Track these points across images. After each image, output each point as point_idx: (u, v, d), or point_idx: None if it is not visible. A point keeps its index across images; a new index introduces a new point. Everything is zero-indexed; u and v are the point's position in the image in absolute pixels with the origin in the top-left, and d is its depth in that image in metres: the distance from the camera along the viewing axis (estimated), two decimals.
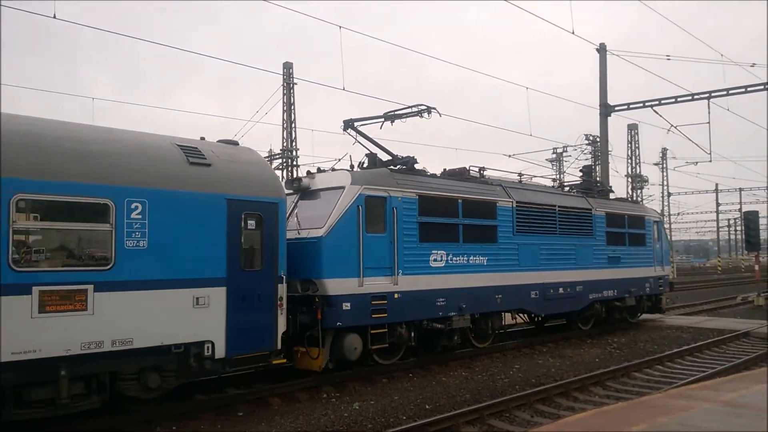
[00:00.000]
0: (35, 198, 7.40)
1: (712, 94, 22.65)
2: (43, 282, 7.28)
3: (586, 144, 40.87)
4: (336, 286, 10.51)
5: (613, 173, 39.27)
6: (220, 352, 8.77)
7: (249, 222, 9.41)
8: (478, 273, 13.12)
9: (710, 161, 26.54)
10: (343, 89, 17.42)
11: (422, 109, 13.39)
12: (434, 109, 13.36)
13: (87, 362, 7.64)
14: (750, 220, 25.70)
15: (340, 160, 13.15)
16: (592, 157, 39.73)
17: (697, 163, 36.00)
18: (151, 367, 8.33)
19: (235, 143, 10.61)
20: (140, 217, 8.12)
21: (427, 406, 9.66)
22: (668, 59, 23.94)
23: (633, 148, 45.16)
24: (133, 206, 8.07)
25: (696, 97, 23.02)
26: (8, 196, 7.12)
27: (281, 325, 9.67)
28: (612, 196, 19.37)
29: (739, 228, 49.87)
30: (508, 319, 14.79)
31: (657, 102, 23.61)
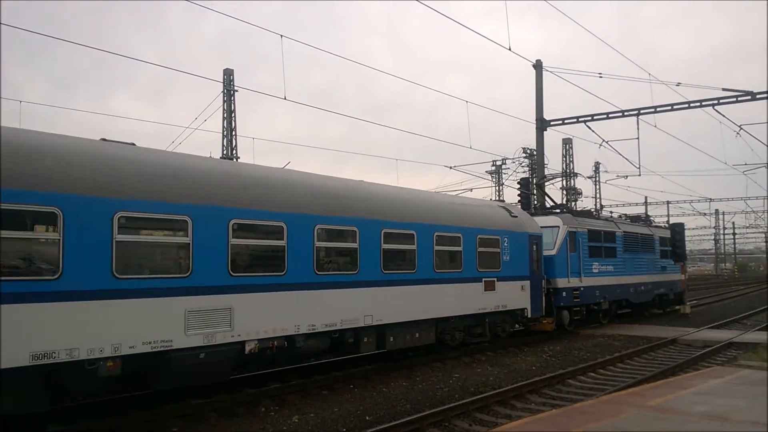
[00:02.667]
0: (483, 238, 15.26)
1: (641, 111, 23.68)
2: (483, 276, 15.04)
3: (524, 157, 41.89)
4: (560, 282, 18.67)
5: (549, 186, 40.48)
6: (528, 313, 16.91)
7: (533, 246, 17.23)
8: (610, 276, 21.36)
9: (639, 175, 27.73)
10: (285, 98, 17.26)
11: (571, 173, 24.90)
12: (579, 174, 24.39)
13: (483, 316, 15.35)
14: (676, 231, 26.93)
15: None
16: (529, 170, 40.77)
17: (627, 176, 37.57)
18: (505, 320, 16.36)
19: (503, 201, 19.22)
20: (507, 245, 16.02)
21: (367, 418, 9.63)
22: (600, 77, 24.92)
23: (567, 161, 46.69)
24: (504, 239, 15.98)
25: (626, 113, 24.01)
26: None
27: (543, 303, 17.69)
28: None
29: None
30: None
31: (590, 118, 24.48)
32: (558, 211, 21.08)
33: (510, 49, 20.22)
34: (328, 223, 11.28)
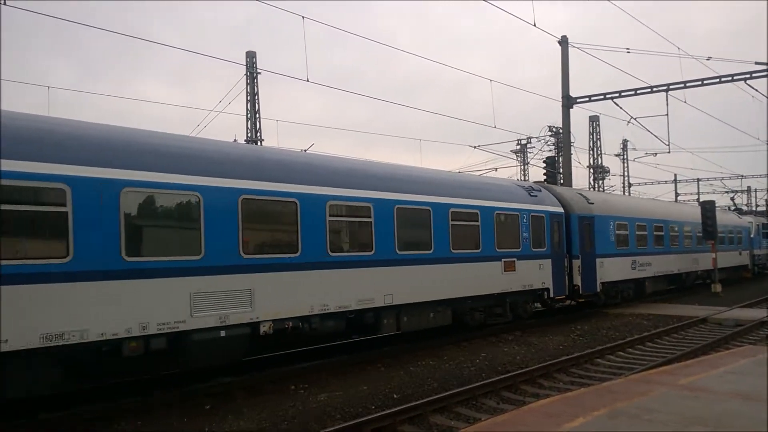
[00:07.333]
0: (730, 229, 33.11)
1: (670, 87, 23.15)
2: (739, 249, 33.62)
3: (550, 135, 41.26)
4: (756, 251, 36.14)
5: (576, 164, 39.97)
6: (750, 266, 34.70)
7: (749, 233, 35.30)
8: (764, 249, 38.52)
9: (669, 152, 27.18)
10: (307, 80, 17.27)
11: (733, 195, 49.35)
12: (741, 201, 44.08)
13: (737, 267, 33.42)
14: (707, 209, 26.41)
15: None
16: (555, 149, 40.21)
17: (656, 154, 37.11)
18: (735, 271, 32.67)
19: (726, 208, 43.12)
20: (743, 234, 34.02)
21: (395, 396, 9.71)
22: (628, 52, 24.33)
23: (594, 139, 45.92)
24: (745, 231, 34.49)
25: (655, 89, 23.49)
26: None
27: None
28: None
29: None
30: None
31: (617, 94, 24.00)
32: (735, 212, 36.27)
33: (535, 25, 19.91)
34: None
